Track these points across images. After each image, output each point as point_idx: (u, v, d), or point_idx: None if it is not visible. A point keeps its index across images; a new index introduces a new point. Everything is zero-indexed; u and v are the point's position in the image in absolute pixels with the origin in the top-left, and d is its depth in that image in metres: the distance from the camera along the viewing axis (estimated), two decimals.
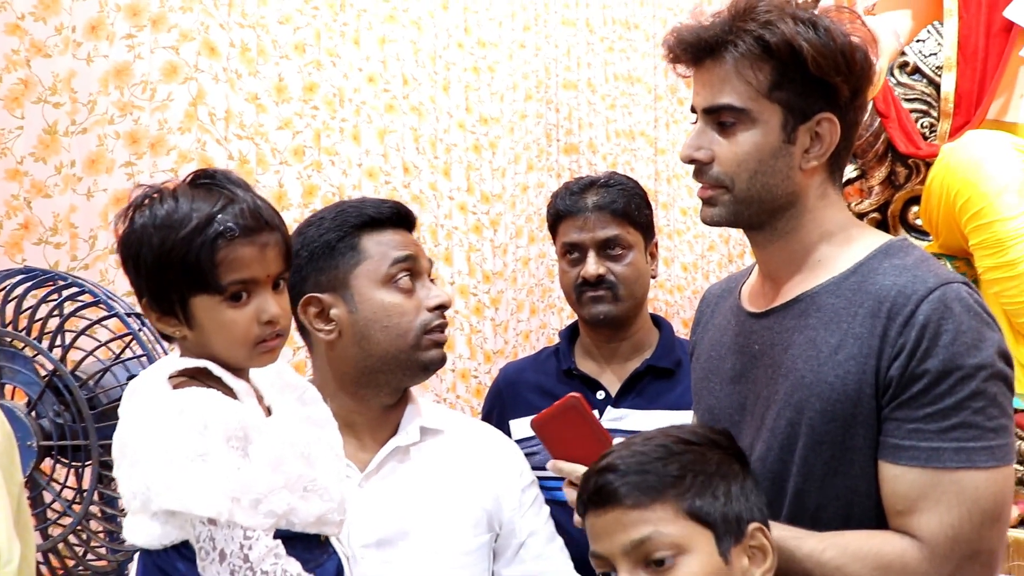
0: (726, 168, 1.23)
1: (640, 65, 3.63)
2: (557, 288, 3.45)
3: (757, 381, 1.27)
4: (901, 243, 1.23)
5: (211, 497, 1.03)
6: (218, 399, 1.10)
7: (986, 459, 1.10)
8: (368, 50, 2.86)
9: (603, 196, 1.84)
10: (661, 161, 3.66)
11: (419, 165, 3.01)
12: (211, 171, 1.17)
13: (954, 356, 1.10)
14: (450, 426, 1.59)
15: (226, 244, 1.09)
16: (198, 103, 2.46)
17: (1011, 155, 2.33)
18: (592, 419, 1.27)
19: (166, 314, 1.13)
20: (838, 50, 1.18)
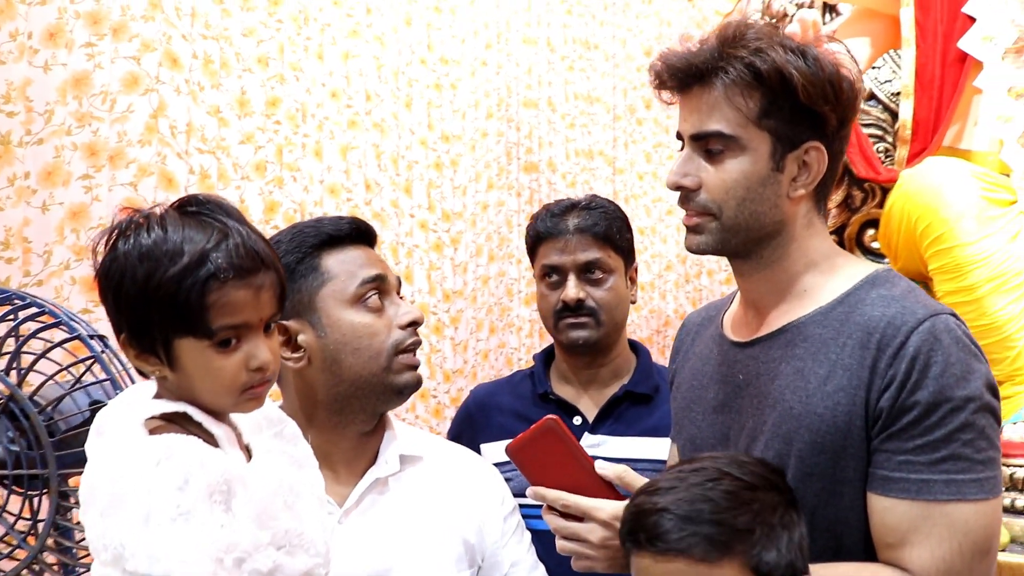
0: (713, 195, 1.22)
1: (599, 85, 3.64)
2: (516, 307, 3.44)
3: (742, 411, 1.26)
4: (887, 273, 1.24)
5: (194, 560, 0.95)
6: (200, 449, 1.02)
7: (975, 491, 1.10)
8: (331, 65, 2.83)
9: (585, 219, 1.82)
10: (619, 181, 3.68)
11: (380, 182, 2.98)
12: (202, 198, 1.08)
13: (944, 388, 1.11)
14: (429, 452, 1.55)
15: (218, 286, 1.02)
16: (159, 115, 2.40)
17: (970, 182, 2.39)
18: (572, 442, 1.24)
19: (146, 352, 1.06)
20: (827, 79, 1.19)
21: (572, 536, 1.22)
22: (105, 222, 2.32)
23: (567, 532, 1.22)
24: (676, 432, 1.42)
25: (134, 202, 1.59)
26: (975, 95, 2.57)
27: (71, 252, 2.29)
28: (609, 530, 1.18)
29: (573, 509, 1.21)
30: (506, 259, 3.40)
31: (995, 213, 2.37)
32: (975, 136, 2.56)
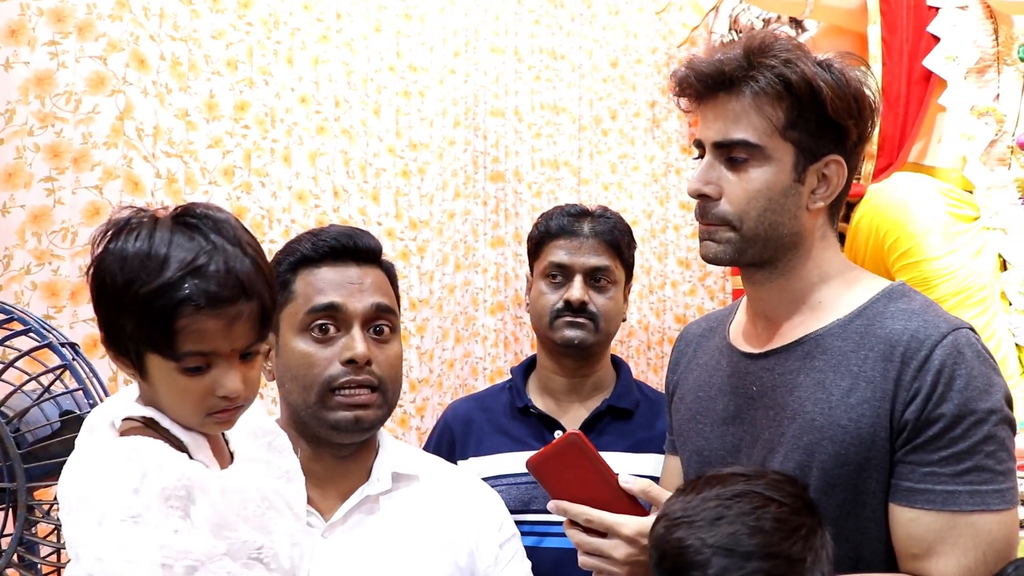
0: (735, 205, 1.22)
1: (566, 95, 3.65)
2: (482, 317, 3.42)
3: (756, 423, 1.26)
4: (902, 287, 1.26)
5: (139, 564, 0.93)
6: (161, 452, 1.00)
7: (998, 502, 1.12)
8: (301, 70, 2.79)
9: (600, 225, 1.83)
10: (584, 191, 3.68)
11: (349, 189, 2.94)
12: (202, 212, 1.05)
13: (967, 401, 1.12)
14: (425, 471, 1.48)
15: (190, 312, 0.99)
16: (125, 117, 2.34)
17: (936, 198, 2.45)
18: (595, 456, 1.22)
19: (120, 355, 1.05)
20: (852, 94, 1.20)
21: (595, 552, 1.21)
22: (68, 226, 2.26)
23: (590, 548, 1.21)
24: (681, 444, 1.41)
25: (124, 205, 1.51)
26: (939, 113, 2.64)
27: (32, 256, 2.22)
28: (634, 547, 1.18)
29: (596, 524, 1.20)
30: (472, 268, 3.38)
31: (960, 229, 2.43)
32: (939, 153, 2.62)
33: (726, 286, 3.68)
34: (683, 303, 3.69)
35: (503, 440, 1.82)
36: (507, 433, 1.82)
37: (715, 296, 3.71)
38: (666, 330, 3.69)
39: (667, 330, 3.69)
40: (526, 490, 1.74)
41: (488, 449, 1.82)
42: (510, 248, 3.48)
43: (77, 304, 2.27)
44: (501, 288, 3.45)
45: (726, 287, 3.68)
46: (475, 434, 1.85)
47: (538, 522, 1.71)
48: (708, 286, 3.73)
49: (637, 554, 1.18)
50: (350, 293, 1.37)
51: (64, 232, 2.25)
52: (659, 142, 3.76)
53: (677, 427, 1.43)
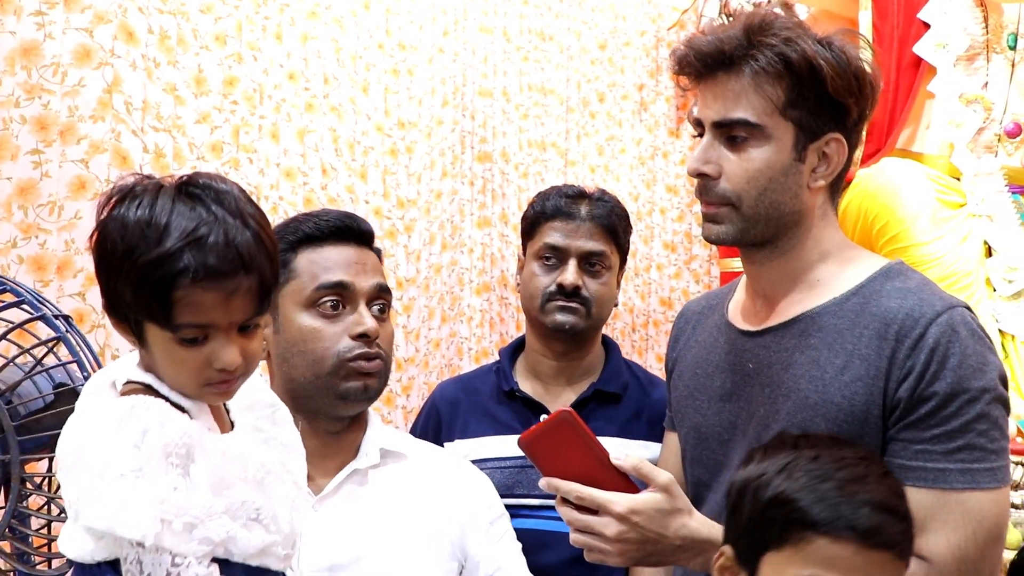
0: (734, 185, 1.22)
1: (554, 76, 3.63)
2: (468, 297, 3.42)
3: (752, 400, 1.27)
4: (900, 266, 1.26)
5: (138, 518, 0.93)
6: (163, 410, 1.00)
7: (989, 480, 1.13)
8: (289, 46, 2.76)
9: (597, 208, 1.79)
10: (571, 173, 3.68)
11: (337, 167, 2.92)
12: (205, 182, 1.03)
13: (961, 379, 1.13)
14: (414, 452, 1.52)
15: (188, 284, 0.98)
16: (113, 90, 2.31)
17: (925, 184, 2.47)
18: (587, 434, 1.21)
19: (120, 322, 1.05)
20: (852, 72, 1.20)
21: (586, 529, 1.20)
22: (55, 199, 2.24)
23: (581, 525, 1.20)
24: (679, 420, 1.42)
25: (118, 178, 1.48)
26: (928, 99, 2.65)
27: (18, 230, 2.20)
28: (625, 524, 1.17)
29: (588, 502, 1.19)
30: (458, 248, 3.37)
31: (947, 215, 2.45)
32: (927, 139, 2.64)
33: (711, 270, 3.70)
34: (668, 286, 3.70)
35: (488, 423, 1.80)
36: (493, 416, 1.81)
37: (700, 279, 3.73)
38: (651, 313, 3.70)
39: (652, 313, 3.70)
40: (510, 474, 1.73)
41: (473, 432, 1.81)
42: (496, 229, 3.48)
43: (63, 278, 2.25)
44: (487, 268, 3.45)
45: (711, 271, 3.70)
46: (461, 416, 1.84)
47: (522, 506, 1.71)
48: (694, 269, 3.74)
49: (628, 531, 1.17)
50: (356, 272, 1.43)
51: (51, 206, 2.23)
52: (647, 125, 3.76)
53: (675, 403, 1.43)
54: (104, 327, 2.29)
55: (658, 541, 1.18)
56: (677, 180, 3.76)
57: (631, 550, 1.18)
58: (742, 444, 1.28)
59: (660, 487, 1.18)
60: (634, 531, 1.16)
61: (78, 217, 2.27)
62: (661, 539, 1.18)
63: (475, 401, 1.86)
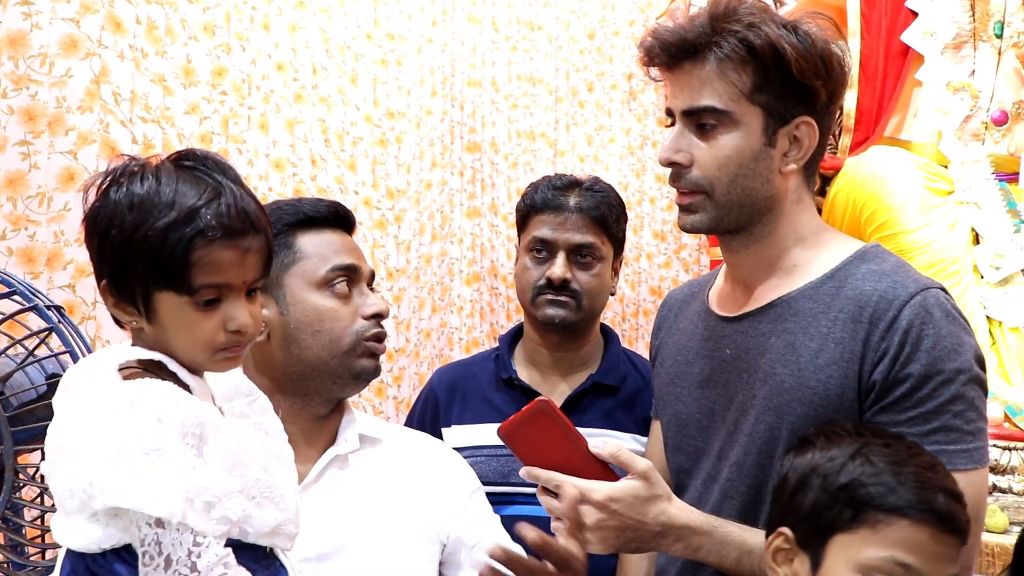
0: (706, 172, 1.23)
1: (542, 66, 3.63)
2: (458, 287, 3.42)
3: (729, 385, 1.27)
4: (875, 249, 1.26)
5: (164, 495, 0.93)
6: (174, 391, 1.01)
7: (965, 462, 1.14)
8: (278, 36, 2.75)
9: (587, 199, 1.77)
10: (560, 163, 3.68)
11: (326, 157, 2.92)
12: (200, 154, 1.07)
13: (935, 360, 1.13)
14: (389, 436, 1.54)
15: (205, 244, 1.01)
16: (101, 81, 2.30)
17: (913, 172, 2.48)
18: (565, 423, 1.21)
19: (124, 301, 1.04)
20: (818, 55, 1.20)
21: None
22: (44, 191, 2.23)
23: (561, 513, 1.20)
24: (661, 408, 1.42)
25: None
26: (916, 87, 2.66)
27: (7, 222, 2.19)
28: (603, 511, 1.17)
29: (567, 490, 1.19)
30: (448, 238, 3.37)
31: (936, 202, 2.46)
32: (915, 127, 2.65)
33: (701, 259, 3.71)
34: (658, 275, 3.71)
35: (486, 410, 1.80)
36: (490, 403, 1.81)
37: (690, 268, 3.74)
38: (641, 302, 3.71)
39: (642, 302, 3.72)
40: (506, 462, 1.73)
41: (471, 418, 1.81)
42: (486, 219, 3.48)
43: (53, 270, 2.24)
44: (477, 259, 3.45)
45: (701, 259, 3.71)
46: (459, 402, 1.84)
47: (518, 493, 1.71)
48: (683, 258, 3.75)
49: (607, 518, 1.18)
50: (359, 257, 1.47)
51: (40, 197, 2.21)
52: (636, 114, 3.77)
53: (658, 391, 1.44)
54: (95, 318, 2.28)
55: (637, 528, 1.18)
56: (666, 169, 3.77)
57: (611, 537, 1.18)
58: (721, 430, 1.28)
59: (639, 474, 1.19)
60: (613, 518, 1.17)
61: (67, 209, 2.26)
62: (640, 526, 1.18)
63: (473, 388, 1.86)
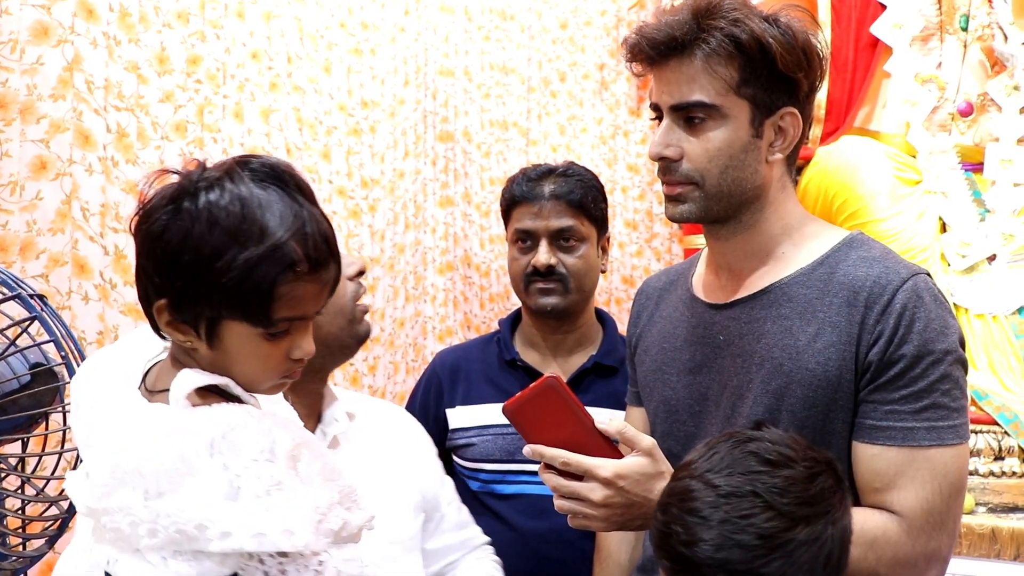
0: (696, 164, 1.26)
1: (515, 56, 3.64)
2: (431, 276, 3.43)
3: (723, 371, 1.31)
4: (861, 236, 1.31)
5: (296, 531, 0.90)
6: (264, 417, 0.97)
7: (952, 437, 1.19)
8: (252, 25, 2.73)
9: (561, 186, 1.82)
10: (533, 152, 3.70)
11: (300, 147, 2.91)
12: (274, 166, 0.98)
13: (926, 342, 1.18)
14: (358, 408, 1.58)
15: (292, 279, 0.95)
16: (74, 68, 2.27)
17: (883, 162, 2.53)
18: (573, 400, 1.22)
19: (184, 323, 0.98)
20: (800, 47, 1.24)
21: (572, 495, 1.21)
22: (16, 179, 2.20)
23: (566, 491, 1.22)
24: (646, 395, 1.45)
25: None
26: (884, 79, 2.71)
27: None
28: (610, 488, 1.19)
29: (574, 467, 1.20)
30: (421, 227, 3.38)
31: (905, 192, 2.52)
32: (884, 118, 2.70)
33: (672, 247, 3.75)
34: (630, 264, 3.74)
35: (490, 390, 1.84)
36: (495, 383, 1.85)
37: (661, 257, 3.78)
38: (613, 291, 3.74)
39: (614, 291, 3.74)
40: (512, 440, 1.77)
41: (476, 399, 1.85)
42: (459, 208, 3.49)
43: (26, 260, 2.22)
44: (450, 248, 3.46)
45: (672, 248, 3.75)
46: (463, 383, 1.88)
47: (522, 472, 1.75)
48: (655, 247, 3.79)
49: (613, 495, 1.20)
50: None
51: (12, 186, 2.19)
52: (607, 104, 3.79)
53: (642, 379, 1.46)
54: (70, 308, 2.26)
55: (643, 504, 1.20)
56: (638, 159, 3.80)
57: (616, 514, 1.21)
58: (715, 415, 1.31)
59: (644, 451, 1.21)
60: (620, 495, 1.19)
61: (39, 198, 2.23)
62: (646, 502, 1.20)
63: (476, 369, 1.91)
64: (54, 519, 1.66)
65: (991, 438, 2.39)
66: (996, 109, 2.63)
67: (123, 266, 2.36)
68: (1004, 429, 2.43)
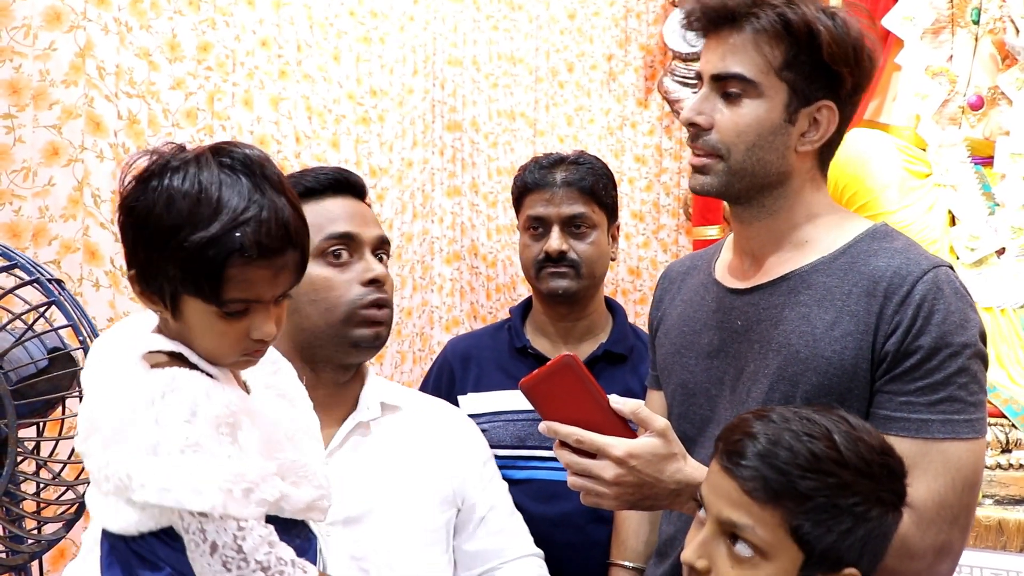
0: (724, 136, 1.27)
1: (523, 46, 3.64)
2: (438, 266, 3.43)
3: (740, 356, 1.31)
4: (885, 228, 1.31)
5: (203, 491, 0.95)
6: (204, 382, 1.02)
7: (968, 431, 1.18)
8: (262, 12, 2.73)
9: (572, 173, 1.85)
10: (540, 143, 3.70)
11: (310, 135, 2.91)
12: (245, 154, 1.03)
13: (944, 334, 1.18)
14: (407, 403, 1.57)
15: (241, 263, 0.99)
16: (86, 54, 2.27)
17: (893, 154, 2.53)
18: (589, 379, 1.22)
19: (152, 293, 1.04)
20: (851, 43, 1.24)
21: (584, 472, 1.21)
22: (29, 165, 2.20)
23: (579, 468, 1.21)
24: (665, 378, 1.45)
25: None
26: (895, 71, 2.71)
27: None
28: (622, 467, 1.19)
29: (587, 445, 1.20)
30: (429, 217, 3.38)
31: (915, 184, 2.52)
32: (894, 111, 2.70)
33: (679, 239, 3.75)
34: (636, 255, 3.75)
35: (502, 377, 1.86)
36: (506, 371, 1.87)
37: (668, 249, 3.78)
38: (619, 282, 3.75)
39: (620, 282, 3.75)
40: (523, 427, 1.79)
41: (487, 386, 1.87)
42: (466, 198, 3.49)
43: (39, 246, 2.22)
44: (457, 238, 3.46)
45: (679, 240, 3.75)
46: (474, 370, 1.90)
47: (532, 457, 1.77)
48: (661, 239, 3.79)
49: (625, 474, 1.20)
50: (360, 223, 1.48)
51: (25, 171, 2.19)
52: (615, 95, 3.79)
53: (661, 361, 1.47)
54: (82, 295, 2.26)
55: (654, 485, 1.21)
56: (645, 150, 3.80)
57: (627, 493, 1.21)
58: (730, 399, 1.32)
59: (657, 432, 1.21)
60: (632, 475, 1.19)
61: (52, 183, 2.23)
62: (657, 483, 1.21)
63: (488, 356, 1.93)
64: (70, 503, 1.67)
65: (998, 431, 2.40)
66: (1007, 103, 2.63)
67: None
68: (1012, 422, 2.44)
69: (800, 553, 0.99)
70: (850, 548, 1.00)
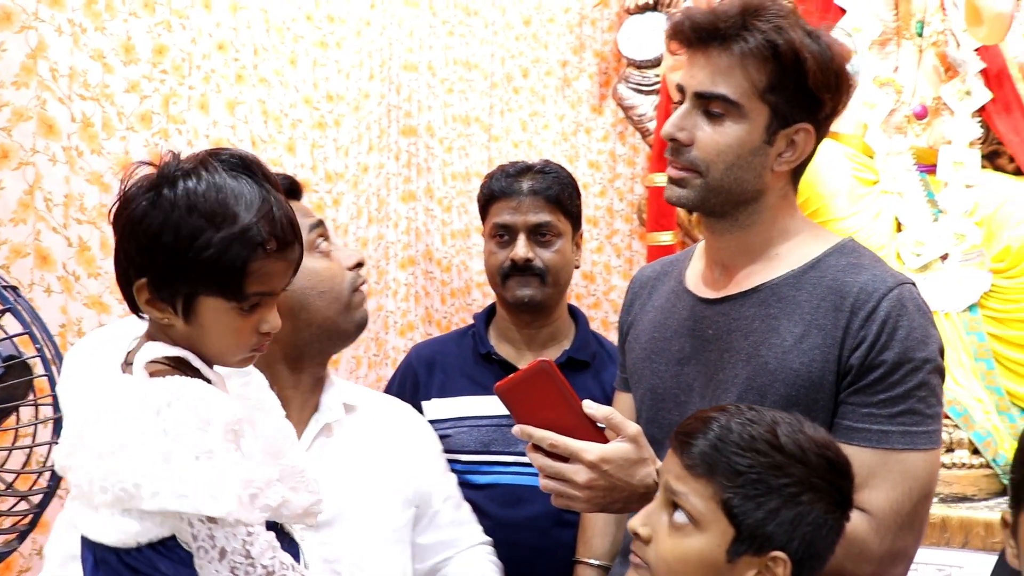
0: (704, 154, 1.29)
1: (478, 51, 3.65)
2: (393, 271, 3.43)
3: (710, 364, 1.34)
4: (851, 243, 1.36)
5: (220, 497, 0.97)
6: (210, 390, 1.05)
7: (925, 442, 1.23)
8: (219, 15, 2.71)
9: (538, 182, 1.87)
10: (495, 148, 3.72)
11: (266, 139, 2.89)
12: (243, 157, 1.09)
13: (907, 350, 1.22)
14: (363, 401, 1.60)
15: (263, 256, 1.05)
16: (38, 56, 2.23)
17: (843, 162, 2.60)
18: (564, 384, 1.25)
19: (162, 300, 1.07)
20: (835, 70, 1.27)
21: (557, 475, 1.24)
22: None
23: (552, 471, 1.24)
24: (635, 382, 1.48)
25: None
26: None
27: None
28: (594, 471, 1.22)
29: (560, 449, 1.23)
30: (384, 221, 3.38)
31: (863, 192, 2.59)
32: (842, 119, 2.76)
33: (633, 244, 3.79)
34: (591, 260, 3.78)
35: (466, 383, 1.88)
36: (470, 377, 1.88)
37: (622, 254, 3.82)
38: (574, 286, 3.77)
39: (575, 286, 3.77)
40: (487, 432, 1.81)
41: (452, 391, 1.88)
42: (421, 203, 3.50)
43: None
44: (412, 243, 3.47)
45: (633, 245, 3.79)
46: (439, 376, 1.91)
47: (497, 462, 1.79)
48: (615, 244, 3.83)
49: (597, 478, 1.22)
50: (314, 210, 1.55)
51: None
52: (569, 101, 3.82)
53: (631, 366, 1.49)
54: (32, 300, 2.22)
55: (624, 488, 1.24)
56: (599, 156, 3.84)
57: (598, 496, 1.24)
58: (699, 406, 1.35)
59: (629, 438, 1.24)
60: (603, 479, 1.22)
61: (1, 187, 2.19)
62: (627, 487, 1.24)
63: (452, 363, 1.95)
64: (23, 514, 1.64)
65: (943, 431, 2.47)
66: (949, 113, 2.72)
67: (87, 258, 2.33)
68: (955, 422, 2.52)
69: (731, 528, 1.05)
70: (779, 529, 1.05)
